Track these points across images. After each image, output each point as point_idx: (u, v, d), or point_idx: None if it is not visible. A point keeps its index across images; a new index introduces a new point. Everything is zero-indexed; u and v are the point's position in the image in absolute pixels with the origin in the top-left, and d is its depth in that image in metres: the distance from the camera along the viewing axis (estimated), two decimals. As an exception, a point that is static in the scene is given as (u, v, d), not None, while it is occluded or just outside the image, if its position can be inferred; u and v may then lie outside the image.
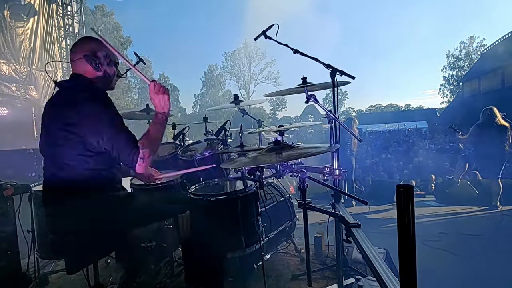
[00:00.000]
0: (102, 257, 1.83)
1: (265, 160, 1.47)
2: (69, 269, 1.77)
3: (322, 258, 2.49)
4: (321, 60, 2.14)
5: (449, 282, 3.14)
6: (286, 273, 2.29)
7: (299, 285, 2.14)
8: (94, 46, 1.54)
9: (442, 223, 4.88)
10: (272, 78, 37.95)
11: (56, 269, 2.44)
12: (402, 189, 0.81)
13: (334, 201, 1.93)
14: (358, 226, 1.44)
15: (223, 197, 1.73)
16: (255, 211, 1.77)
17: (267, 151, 1.60)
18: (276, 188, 2.55)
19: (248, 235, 1.72)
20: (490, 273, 3.37)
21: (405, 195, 0.81)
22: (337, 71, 2.14)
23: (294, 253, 2.55)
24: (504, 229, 4.52)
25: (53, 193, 1.49)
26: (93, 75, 1.52)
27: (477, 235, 4.42)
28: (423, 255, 3.79)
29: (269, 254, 2.30)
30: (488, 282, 3.19)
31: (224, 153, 2.22)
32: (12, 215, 1.71)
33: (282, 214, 2.41)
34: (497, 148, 5.14)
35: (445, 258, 3.74)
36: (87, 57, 1.50)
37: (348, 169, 6.31)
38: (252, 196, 1.74)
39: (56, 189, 1.47)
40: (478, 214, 5.20)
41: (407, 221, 0.84)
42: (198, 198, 1.79)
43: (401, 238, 0.87)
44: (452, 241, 4.19)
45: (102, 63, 1.54)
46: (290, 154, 1.52)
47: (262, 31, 2.33)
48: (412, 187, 0.82)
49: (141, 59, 2.82)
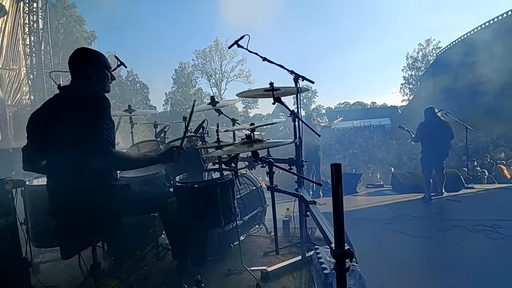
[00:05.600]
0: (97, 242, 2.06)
1: (239, 151, 1.81)
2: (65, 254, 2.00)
3: (289, 238, 2.89)
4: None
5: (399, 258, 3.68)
6: (259, 251, 2.65)
7: (270, 259, 2.51)
8: (91, 56, 1.80)
9: (396, 209, 5.51)
10: (244, 76, 38.21)
11: (45, 260, 2.62)
12: (334, 167, 1.17)
13: (298, 185, 2.31)
14: (314, 203, 1.81)
15: (205, 184, 2.05)
16: (232, 196, 2.10)
17: (241, 144, 1.94)
18: (249, 178, 2.90)
19: (226, 215, 2.05)
20: (433, 249, 3.99)
21: (336, 171, 1.18)
22: (299, 77, 2.53)
23: (265, 235, 2.93)
24: (447, 212, 5.22)
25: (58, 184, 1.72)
26: (90, 81, 1.77)
27: (424, 217, 5.10)
28: (379, 236, 4.42)
29: (243, 236, 2.65)
30: (431, 256, 3.78)
31: (203, 147, 2.53)
32: (13, 206, 1.90)
33: (254, 201, 2.77)
34: (440, 143, 5.62)
35: (397, 237, 4.32)
36: (84, 65, 1.75)
37: (315, 162, 6.82)
38: (229, 183, 2.07)
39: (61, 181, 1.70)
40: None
41: (338, 190, 1.20)
42: (184, 185, 2.09)
43: (334, 202, 1.22)
44: (403, 223, 4.81)
45: (98, 70, 1.79)
46: (259, 146, 1.88)
47: (235, 41, 2.65)
48: (340, 165, 1.19)
49: (122, 63, 3.02)
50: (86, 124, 1.63)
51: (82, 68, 1.78)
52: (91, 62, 1.80)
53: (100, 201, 1.72)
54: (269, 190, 1.95)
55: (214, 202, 2.00)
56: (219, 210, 2.01)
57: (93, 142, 1.59)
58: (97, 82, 1.83)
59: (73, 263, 2.36)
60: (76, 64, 1.81)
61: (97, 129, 1.60)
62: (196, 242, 1.95)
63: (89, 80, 1.80)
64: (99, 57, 1.86)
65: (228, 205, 2.06)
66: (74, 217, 1.70)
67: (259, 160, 1.89)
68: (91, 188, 1.71)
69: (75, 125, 1.65)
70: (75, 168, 1.67)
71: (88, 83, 1.80)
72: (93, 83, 1.81)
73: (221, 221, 2.02)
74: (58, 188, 1.77)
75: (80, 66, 1.79)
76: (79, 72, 1.80)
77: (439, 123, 5.67)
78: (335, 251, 1.20)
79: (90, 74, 1.79)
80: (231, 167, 2.24)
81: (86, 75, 1.79)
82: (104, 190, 1.75)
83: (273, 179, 1.95)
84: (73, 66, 1.82)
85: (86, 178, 1.68)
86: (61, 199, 1.71)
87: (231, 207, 2.07)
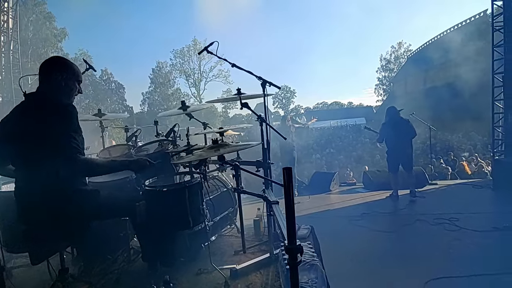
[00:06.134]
0: (65, 247, 2.08)
1: (207, 155, 1.90)
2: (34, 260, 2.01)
3: (260, 237, 3.01)
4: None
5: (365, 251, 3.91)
6: (230, 250, 2.74)
7: (240, 258, 2.61)
8: (66, 64, 1.83)
9: (365, 206, 5.80)
10: (223, 76, 38.05)
11: (17, 265, 2.60)
12: (285, 170, 1.29)
13: (265, 187, 2.43)
14: (277, 203, 1.93)
15: (173, 187, 2.13)
16: (200, 198, 2.18)
17: (208, 148, 2.03)
18: (220, 180, 2.99)
19: (194, 217, 2.13)
20: (397, 242, 4.26)
21: (287, 175, 1.29)
22: (266, 82, 2.66)
23: (236, 235, 3.02)
24: (412, 207, 5.55)
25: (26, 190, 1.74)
26: (59, 88, 1.80)
27: (391, 213, 5.41)
28: (348, 232, 4.64)
29: (214, 236, 2.73)
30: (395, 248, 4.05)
31: (174, 151, 2.59)
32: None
33: (225, 202, 2.86)
34: (403, 141, 5.72)
35: (365, 232, 4.57)
36: (58, 72, 1.78)
37: (290, 162, 7.00)
38: (197, 185, 2.16)
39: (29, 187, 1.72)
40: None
41: (289, 191, 1.31)
42: (153, 189, 2.15)
43: (286, 202, 1.33)
44: (371, 219, 5.09)
45: (69, 80, 1.83)
46: (225, 149, 1.97)
47: (204, 47, 2.73)
48: (290, 168, 1.31)
49: (91, 67, 3.01)
50: (54, 131, 1.66)
51: (54, 75, 1.80)
52: (65, 70, 1.84)
53: (67, 207, 1.75)
54: (235, 192, 2.05)
55: (183, 205, 2.08)
56: (188, 212, 2.09)
57: (61, 149, 1.63)
58: (65, 90, 1.85)
59: (44, 268, 2.35)
60: (49, 70, 1.82)
61: (64, 136, 1.64)
62: (165, 243, 2.02)
63: (58, 88, 1.82)
64: (74, 68, 1.90)
65: (196, 207, 2.14)
66: (41, 223, 1.72)
67: (225, 163, 1.99)
68: (59, 194, 1.73)
69: (43, 132, 1.68)
70: (42, 174, 1.70)
71: (56, 91, 1.82)
72: (61, 91, 1.84)
73: (189, 222, 2.10)
74: (25, 194, 1.78)
75: (53, 72, 1.81)
76: (49, 78, 1.81)
77: (400, 122, 5.80)
78: (287, 247, 1.32)
79: (60, 82, 1.81)
80: (201, 170, 2.34)
81: (56, 82, 1.81)
82: (71, 196, 1.77)
83: (239, 180, 2.05)
84: (45, 71, 1.83)
85: (53, 184, 1.71)
86: (28, 205, 1.73)
87: (200, 209, 2.15)
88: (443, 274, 3.17)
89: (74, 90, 1.91)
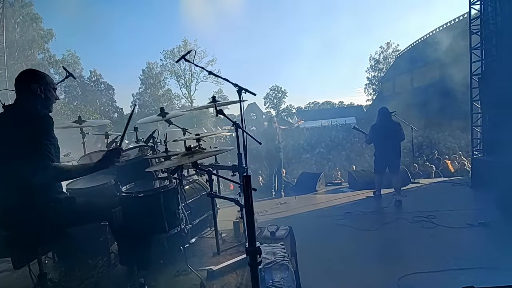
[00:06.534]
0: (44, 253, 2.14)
1: (180, 162, 1.99)
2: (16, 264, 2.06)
3: (239, 238, 3.10)
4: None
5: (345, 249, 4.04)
6: (209, 252, 2.83)
7: (218, 259, 2.70)
8: (40, 76, 1.90)
9: (349, 205, 5.94)
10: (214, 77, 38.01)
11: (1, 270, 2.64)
12: (244, 178, 1.39)
13: (240, 190, 2.53)
14: (246, 206, 2.03)
15: (149, 193, 2.21)
16: (176, 202, 2.27)
17: (182, 155, 2.12)
18: (200, 184, 3.08)
19: (170, 221, 2.22)
20: (377, 240, 4.40)
21: (246, 182, 1.39)
22: (242, 89, 2.75)
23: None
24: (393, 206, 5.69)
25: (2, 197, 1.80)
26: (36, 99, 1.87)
27: (373, 212, 5.55)
28: (329, 231, 4.77)
29: (194, 238, 2.82)
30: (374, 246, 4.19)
31: (152, 157, 2.67)
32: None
33: (204, 205, 2.94)
34: (392, 144, 5.68)
35: (346, 231, 4.71)
36: (33, 84, 1.86)
37: (277, 164, 7.12)
38: (173, 191, 2.24)
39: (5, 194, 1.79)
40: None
41: (249, 196, 1.41)
42: (129, 195, 2.22)
43: (246, 206, 1.43)
44: (353, 218, 5.23)
45: (45, 90, 1.90)
46: (199, 156, 2.06)
47: (182, 55, 2.81)
48: (249, 176, 1.41)
49: (71, 74, 3.06)
50: (28, 140, 1.73)
51: (29, 87, 1.88)
52: (39, 82, 1.92)
53: (44, 214, 1.83)
54: (208, 196, 2.14)
55: (158, 210, 2.16)
56: (163, 217, 2.18)
57: (34, 158, 1.70)
58: (43, 101, 1.94)
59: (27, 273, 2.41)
60: (24, 83, 1.90)
61: (38, 146, 1.72)
62: (142, 247, 2.10)
63: (35, 99, 1.90)
64: (47, 78, 1.99)
65: (172, 211, 2.23)
66: (19, 230, 1.78)
67: (198, 169, 2.08)
68: (34, 201, 1.80)
69: (18, 142, 1.75)
70: (18, 182, 1.77)
71: (34, 102, 1.90)
72: (40, 102, 1.92)
73: (165, 226, 2.18)
74: (2, 200, 1.84)
75: (28, 84, 1.89)
76: (25, 90, 1.89)
77: (391, 124, 5.77)
78: (247, 249, 1.42)
79: (37, 93, 1.89)
80: (179, 174, 2.43)
81: (33, 94, 1.89)
82: (48, 203, 1.85)
83: (212, 184, 2.14)
84: (20, 84, 1.91)
85: (29, 192, 1.78)
86: (5, 211, 1.80)
87: (176, 213, 2.24)
88: (417, 269, 3.30)
89: (52, 99, 2.00)
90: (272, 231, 3.08)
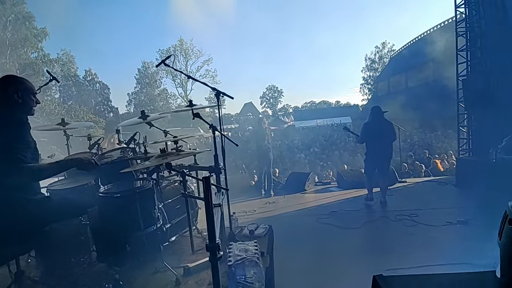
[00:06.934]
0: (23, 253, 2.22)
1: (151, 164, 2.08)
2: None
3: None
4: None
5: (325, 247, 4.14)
6: (188, 250, 2.93)
7: (197, 257, 2.79)
8: (18, 81, 1.98)
9: (335, 204, 6.05)
10: (210, 76, 38.06)
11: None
12: (204, 179, 1.48)
13: (217, 190, 2.62)
14: (219, 206, 2.13)
15: (125, 193, 2.30)
16: (152, 202, 2.36)
17: (157, 157, 2.21)
18: (181, 185, 3.17)
19: (145, 219, 2.31)
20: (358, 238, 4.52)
21: (205, 183, 1.48)
22: (220, 93, 2.84)
23: (197, 235, 3.21)
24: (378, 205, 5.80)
25: None
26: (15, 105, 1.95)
27: (357, 210, 5.66)
28: (313, 230, 4.87)
29: (174, 237, 2.91)
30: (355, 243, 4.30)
31: (132, 158, 2.75)
32: None
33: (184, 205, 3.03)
34: (383, 144, 5.48)
35: (330, 230, 4.81)
36: (11, 90, 1.94)
37: (266, 164, 7.21)
38: (149, 191, 2.34)
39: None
40: (363, 195, 6.27)
41: (208, 197, 1.50)
42: (106, 195, 2.31)
43: (206, 206, 1.52)
44: (338, 217, 5.34)
45: (24, 95, 1.98)
46: (173, 157, 2.15)
47: (162, 60, 2.89)
48: (208, 177, 1.50)
49: (54, 77, 3.12)
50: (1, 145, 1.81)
51: (8, 93, 1.95)
52: (18, 87, 1.99)
53: (20, 214, 1.90)
54: (183, 196, 2.23)
55: (133, 209, 2.25)
56: (139, 216, 2.26)
57: (7, 162, 1.78)
58: (20, 106, 2.01)
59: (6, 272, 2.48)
60: (3, 90, 1.97)
61: (10, 150, 1.80)
62: (117, 245, 2.19)
63: (14, 105, 1.97)
64: (27, 83, 2.06)
65: (148, 210, 2.32)
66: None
67: (172, 170, 2.17)
68: (11, 203, 1.88)
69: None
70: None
71: (12, 108, 1.97)
72: (19, 108, 1.99)
73: (140, 225, 2.27)
74: None
75: (7, 91, 1.96)
76: (5, 97, 1.96)
77: (384, 124, 5.57)
78: (208, 245, 1.51)
79: (16, 99, 1.96)
80: (158, 175, 2.53)
81: (13, 100, 1.96)
82: (23, 204, 1.93)
83: (186, 185, 2.23)
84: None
85: (5, 194, 1.86)
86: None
87: (152, 212, 2.33)
88: (392, 266, 3.41)
89: (31, 104, 2.07)
90: (252, 230, 3.18)
